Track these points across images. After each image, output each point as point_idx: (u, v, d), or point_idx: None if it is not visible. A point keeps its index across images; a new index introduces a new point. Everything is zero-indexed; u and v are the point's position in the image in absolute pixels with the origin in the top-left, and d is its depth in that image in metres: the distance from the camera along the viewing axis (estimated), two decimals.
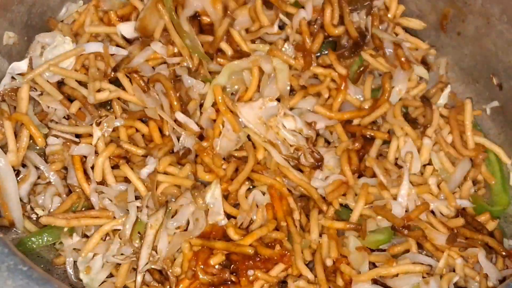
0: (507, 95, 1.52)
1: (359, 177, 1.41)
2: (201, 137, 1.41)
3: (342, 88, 1.47)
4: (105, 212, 1.33)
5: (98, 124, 1.36)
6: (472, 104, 1.50)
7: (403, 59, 1.50)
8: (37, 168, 1.39)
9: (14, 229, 1.36)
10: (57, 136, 1.39)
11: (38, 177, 1.39)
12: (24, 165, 1.39)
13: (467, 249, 1.34)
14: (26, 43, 1.50)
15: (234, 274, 1.29)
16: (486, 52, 1.53)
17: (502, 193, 1.45)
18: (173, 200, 1.34)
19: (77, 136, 1.40)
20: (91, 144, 1.37)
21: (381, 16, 1.58)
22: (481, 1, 1.50)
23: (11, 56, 1.47)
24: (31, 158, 1.38)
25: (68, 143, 1.39)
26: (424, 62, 1.61)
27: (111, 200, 1.34)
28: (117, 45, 1.48)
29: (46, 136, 1.39)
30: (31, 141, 1.38)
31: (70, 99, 1.42)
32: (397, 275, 1.30)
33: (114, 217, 1.32)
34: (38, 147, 1.39)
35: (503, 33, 1.48)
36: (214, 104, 1.43)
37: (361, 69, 1.52)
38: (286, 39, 1.51)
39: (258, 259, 1.29)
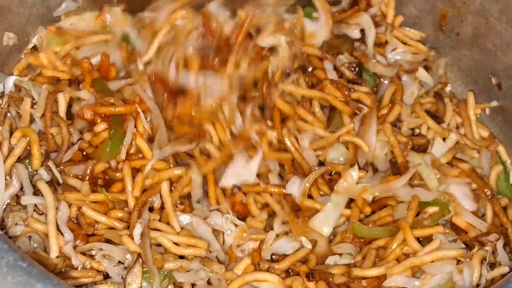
0: (506, 95, 1.52)
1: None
2: None
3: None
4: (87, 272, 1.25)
5: None
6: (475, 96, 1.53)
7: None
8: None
9: None
10: (50, 170, 1.32)
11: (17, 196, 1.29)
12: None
13: (490, 235, 1.32)
14: (26, 44, 1.51)
15: None
16: (485, 52, 1.53)
17: (506, 189, 1.46)
18: None
19: None
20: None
21: (378, 21, 1.59)
22: (480, 1, 1.50)
23: (11, 57, 1.48)
24: (20, 173, 1.30)
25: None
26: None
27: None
28: None
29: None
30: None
31: None
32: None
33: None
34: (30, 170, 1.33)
35: (502, 33, 1.48)
36: None
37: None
38: None
39: None
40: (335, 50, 1.54)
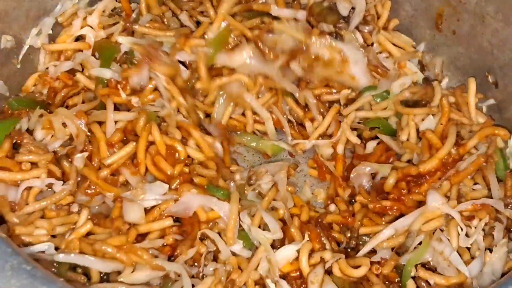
0: (503, 92, 1.53)
1: None
2: None
3: None
4: None
5: None
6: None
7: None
8: None
9: None
10: None
11: None
12: None
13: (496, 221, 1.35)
14: (22, 47, 1.50)
15: None
16: (482, 50, 1.54)
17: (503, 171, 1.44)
18: None
19: None
20: None
21: (368, 20, 1.58)
22: (476, 0, 1.51)
23: (9, 59, 1.48)
24: None
25: None
26: (419, 62, 1.63)
27: None
28: None
29: None
30: None
31: None
32: None
33: None
34: None
35: (498, 31, 1.49)
36: None
37: None
38: None
39: None
40: (320, 18, 1.55)
